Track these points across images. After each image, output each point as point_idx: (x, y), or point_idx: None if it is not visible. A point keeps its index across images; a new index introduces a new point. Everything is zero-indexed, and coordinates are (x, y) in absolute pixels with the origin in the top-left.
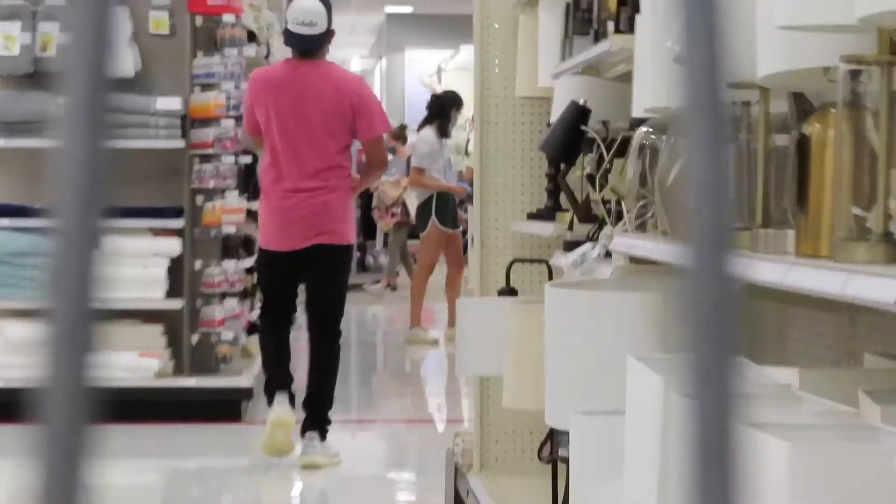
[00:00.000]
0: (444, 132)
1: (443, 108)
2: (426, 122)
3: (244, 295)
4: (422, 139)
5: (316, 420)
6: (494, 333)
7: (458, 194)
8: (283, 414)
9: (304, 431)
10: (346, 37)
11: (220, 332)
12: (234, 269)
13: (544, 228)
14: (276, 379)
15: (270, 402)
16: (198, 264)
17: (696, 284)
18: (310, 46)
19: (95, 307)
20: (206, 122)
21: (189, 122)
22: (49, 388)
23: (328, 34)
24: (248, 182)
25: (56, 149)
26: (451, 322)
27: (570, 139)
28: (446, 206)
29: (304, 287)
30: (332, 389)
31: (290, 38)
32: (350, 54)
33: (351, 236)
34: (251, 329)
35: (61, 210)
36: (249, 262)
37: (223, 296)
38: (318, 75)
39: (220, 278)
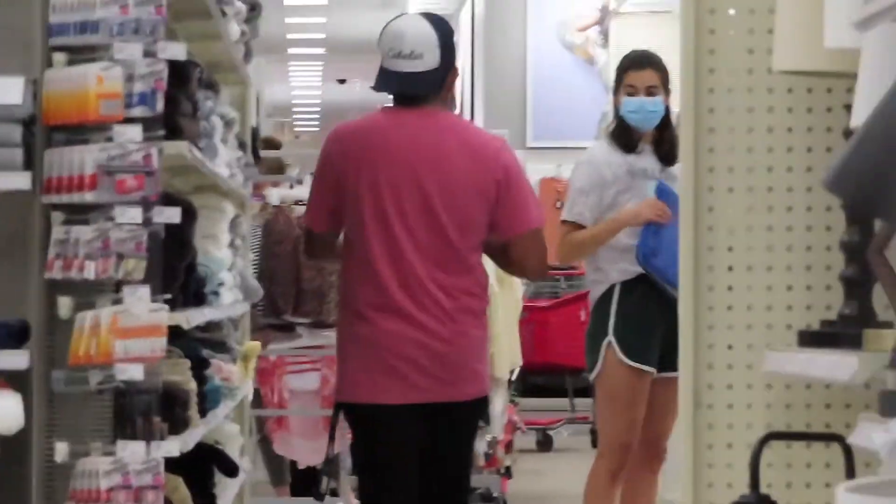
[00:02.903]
0: (627, 141)
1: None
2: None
3: None
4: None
5: None
6: None
7: (649, 217)
8: None
9: None
10: None
11: None
12: (143, 461)
13: (837, 365)
14: None
15: None
16: (61, 450)
17: None
18: (411, 88)
19: None
20: (80, 131)
21: (42, 131)
22: None
23: (446, 71)
24: (173, 265)
25: None
26: None
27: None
28: (639, 313)
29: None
30: None
31: (384, 78)
32: None
33: (488, 381)
34: None
35: None
36: (177, 444)
37: None
38: (440, 134)
39: (111, 481)
